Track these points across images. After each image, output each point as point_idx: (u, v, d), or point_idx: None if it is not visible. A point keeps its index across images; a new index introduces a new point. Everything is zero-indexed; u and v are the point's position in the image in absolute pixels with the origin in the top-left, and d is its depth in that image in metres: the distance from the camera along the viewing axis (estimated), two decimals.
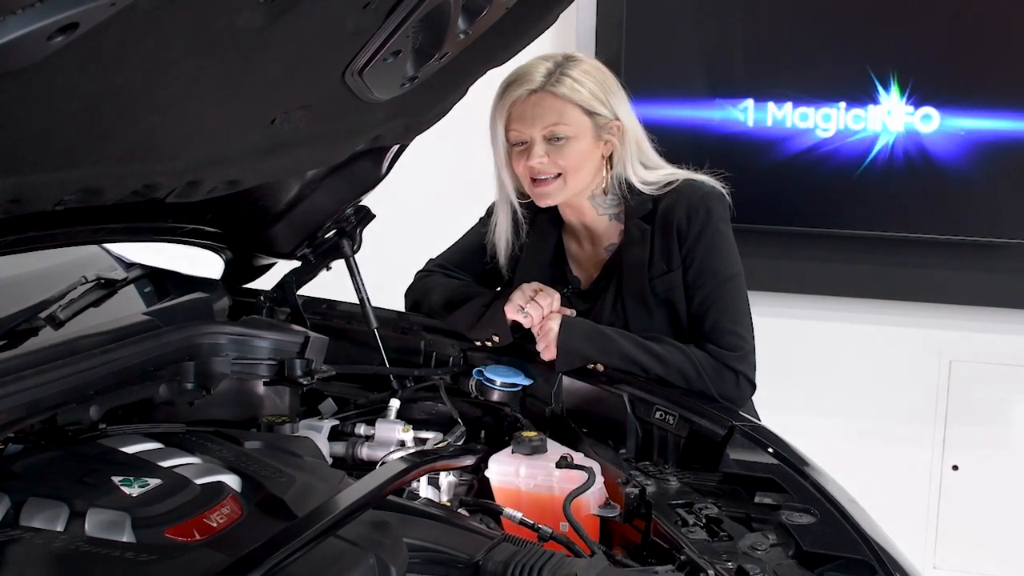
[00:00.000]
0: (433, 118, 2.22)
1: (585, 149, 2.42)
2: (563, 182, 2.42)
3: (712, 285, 2.40)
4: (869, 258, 4.12)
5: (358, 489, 1.58)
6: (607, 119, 2.43)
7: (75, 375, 1.76)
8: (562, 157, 2.40)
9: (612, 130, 2.44)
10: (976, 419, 4.18)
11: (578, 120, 2.40)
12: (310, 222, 2.50)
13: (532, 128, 2.40)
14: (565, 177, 2.41)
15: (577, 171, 2.42)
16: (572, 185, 2.43)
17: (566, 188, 2.43)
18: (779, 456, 1.95)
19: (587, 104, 2.40)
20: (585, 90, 2.40)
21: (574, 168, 2.41)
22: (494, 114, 2.45)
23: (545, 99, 2.39)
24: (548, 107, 2.39)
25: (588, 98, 2.40)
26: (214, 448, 1.79)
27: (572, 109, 2.39)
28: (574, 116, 2.40)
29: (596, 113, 2.41)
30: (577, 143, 2.40)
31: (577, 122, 2.40)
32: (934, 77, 3.89)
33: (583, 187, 2.46)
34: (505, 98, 2.42)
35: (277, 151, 1.87)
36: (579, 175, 2.43)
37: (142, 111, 1.45)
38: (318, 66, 1.66)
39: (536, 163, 2.39)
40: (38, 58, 1.09)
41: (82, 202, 1.58)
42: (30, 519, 1.44)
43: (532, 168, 2.40)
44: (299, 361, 2.17)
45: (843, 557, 1.62)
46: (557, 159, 2.39)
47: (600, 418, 2.26)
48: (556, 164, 2.40)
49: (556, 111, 2.39)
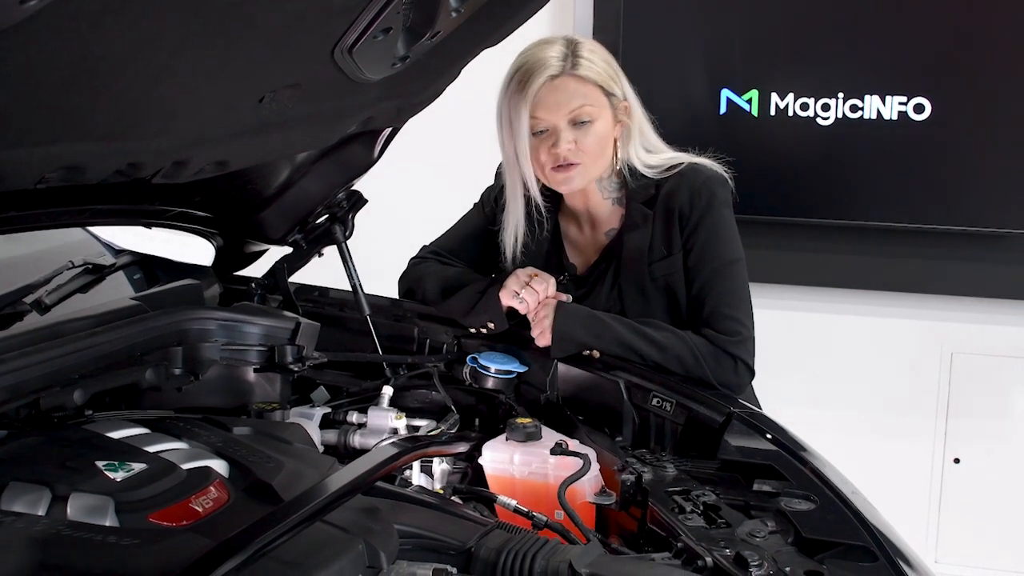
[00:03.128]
0: (426, 100, 2.18)
1: (606, 131, 2.40)
2: (584, 167, 2.39)
3: (712, 269, 2.37)
4: (869, 249, 4.10)
5: (347, 474, 1.56)
6: (619, 99, 2.41)
7: (58, 358, 1.73)
8: (586, 142, 2.36)
9: (623, 111, 2.42)
10: (978, 412, 4.16)
11: (599, 100, 2.37)
12: (301, 207, 2.47)
13: (557, 114, 2.35)
14: (586, 162, 2.38)
15: (599, 155, 2.40)
16: (593, 169, 2.41)
17: (587, 173, 2.40)
18: (778, 443, 1.93)
19: (605, 83, 2.38)
20: (600, 69, 2.37)
21: (596, 153, 2.39)
22: (516, 105, 2.36)
23: (568, 83, 2.35)
24: (573, 90, 2.35)
25: (605, 77, 2.38)
26: (202, 433, 1.77)
27: (594, 90, 2.36)
28: (596, 96, 2.37)
29: (612, 93, 2.39)
30: (599, 125, 2.38)
31: (599, 103, 2.37)
32: (933, 66, 3.86)
33: (601, 171, 2.43)
34: (528, 87, 2.34)
35: (266, 131, 1.84)
36: (601, 160, 2.41)
37: (124, 85, 1.41)
38: (306, 42, 1.63)
39: (564, 149, 2.35)
40: (11, 22, 1.06)
41: (65, 180, 1.55)
42: (11, 503, 1.42)
43: (558, 155, 2.35)
44: (290, 347, 2.14)
45: (843, 543, 1.60)
46: (582, 145, 2.36)
47: (596, 405, 2.24)
48: (582, 150, 2.36)
49: (581, 93, 2.35)
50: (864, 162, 3.97)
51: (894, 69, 3.88)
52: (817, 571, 1.51)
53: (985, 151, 3.88)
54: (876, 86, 3.89)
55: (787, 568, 1.51)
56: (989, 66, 3.82)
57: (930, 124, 3.88)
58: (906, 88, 3.87)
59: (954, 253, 4.02)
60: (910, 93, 3.86)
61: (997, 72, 3.82)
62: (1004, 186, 3.90)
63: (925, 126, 3.88)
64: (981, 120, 3.87)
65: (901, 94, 3.87)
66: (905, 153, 3.93)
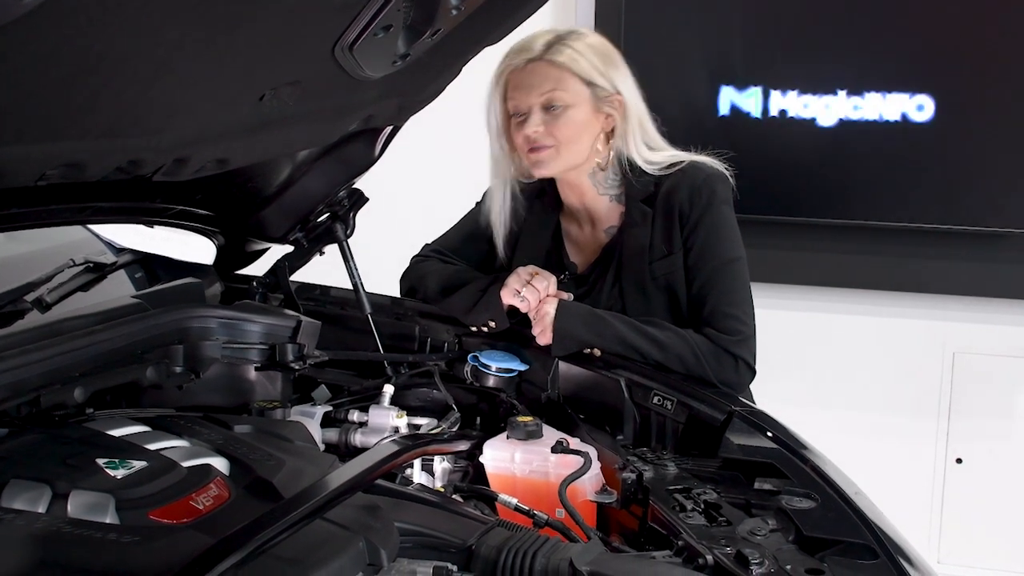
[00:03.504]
0: (426, 98, 2.19)
1: (582, 119, 2.40)
2: (556, 151, 2.40)
3: (712, 268, 2.37)
4: (872, 248, 4.10)
5: (347, 471, 1.56)
6: (607, 91, 2.41)
7: (59, 356, 1.73)
8: (557, 127, 2.38)
9: (613, 104, 2.42)
10: (980, 411, 4.16)
11: (575, 89, 2.38)
12: (302, 205, 2.47)
13: (529, 96, 2.38)
14: (558, 147, 2.39)
15: (573, 141, 2.40)
16: (566, 155, 2.41)
17: (559, 157, 2.41)
18: (779, 441, 1.93)
19: (585, 74, 2.38)
20: (584, 60, 2.39)
21: (569, 139, 2.39)
22: (492, 85, 2.45)
23: (541, 67, 2.38)
24: (545, 75, 2.38)
25: (587, 68, 2.39)
26: (202, 431, 1.77)
27: (569, 77, 2.38)
28: (571, 84, 2.38)
29: (595, 84, 2.39)
30: (574, 112, 2.38)
31: (574, 91, 2.38)
32: (935, 64, 3.86)
33: (580, 160, 2.43)
34: (503, 68, 2.42)
35: (266, 129, 1.84)
36: (575, 146, 2.41)
37: (125, 81, 1.41)
38: (307, 40, 1.63)
39: (532, 131, 2.38)
40: (10, 18, 1.06)
41: (65, 178, 1.55)
42: (11, 501, 1.42)
43: (528, 137, 2.38)
44: (291, 346, 2.14)
45: (844, 541, 1.59)
46: (553, 129, 2.38)
47: (597, 403, 2.24)
48: (552, 134, 2.38)
49: (553, 78, 2.37)
50: (866, 162, 3.97)
51: (896, 66, 3.88)
52: (818, 569, 1.50)
53: (987, 150, 3.87)
54: (878, 83, 3.88)
55: (788, 566, 1.51)
56: (992, 65, 3.82)
57: (932, 124, 3.88)
58: (908, 85, 3.87)
59: (956, 253, 4.01)
60: (912, 90, 3.86)
61: (999, 71, 3.81)
62: (1006, 185, 3.91)
63: (927, 126, 3.88)
64: (983, 119, 3.87)
65: (903, 91, 3.87)
66: (907, 153, 3.93)
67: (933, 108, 3.86)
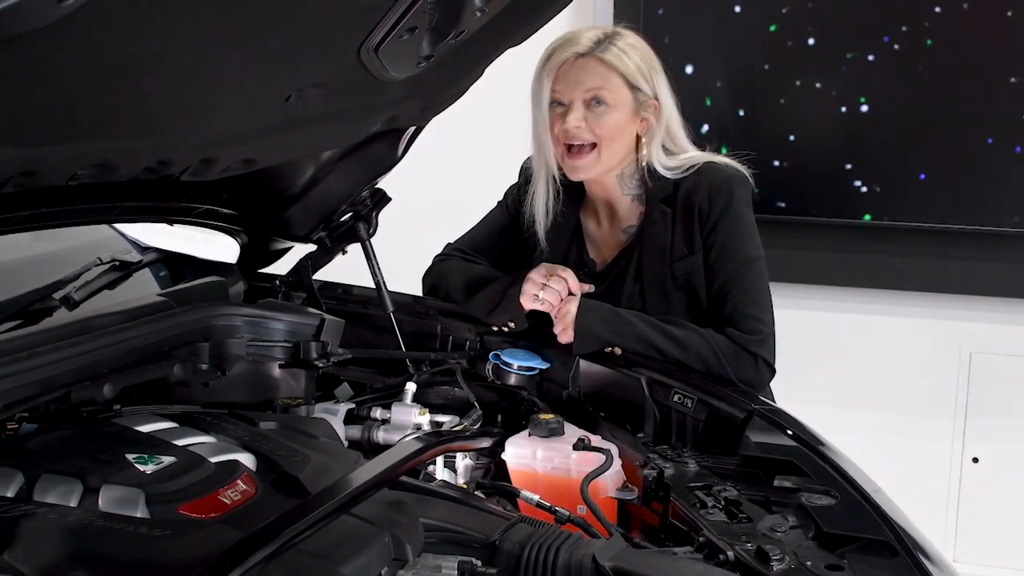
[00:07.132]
0: (450, 99, 2.20)
1: (622, 122, 2.42)
2: (597, 155, 2.41)
3: (732, 268, 2.38)
4: (888, 249, 4.09)
5: (372, 467, 1.58)
6: (647, 96, 2.43)
7: (88, 353, 1.75)
8: (599, 125, 2.39)
9: (650, 108, 2.44)
10: (996, 411, 4.15)
11: (620, 90, 2.40)
12: (326, 205, 2.49)
13: (574, 91, 2.40)
14: (600, 148, 2.41)
15: (612, 142, 2.41)
16: (605, 158, 2.43)
17: (599, 162, 2.43)
18: (798, 439, 1.94)
19: (631, 76, 2.40)
20: (631, 62, 2.41)
21: (609, 138, 2.41)
22: (539, 75, 2.45)
23: (590, 63, 2.40)
24: (592, 71, 2.39)
25: (633, 70, 2.40)
26: (229, 428, 1.79)
27: (616, 78, 2.40)
28: (617, 85, 2.40)
29: (638, 88, 2.42)
30: (616, 113, 2.40)
31: (619, 92, 2.40)
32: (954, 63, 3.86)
33: (615, 162, 2.45)
34: (552, 60, 2.43)
35: (292, 129, 1.86)
36: (613, 147, 2.42)
37: (155, 83, 1.43)
38: (333, 42, 1.65)
39: (572, 125, 2.39)
40: (48, 20, 1.07)
41: (96, 177, 1.57)
42: (44, 495, 1.44)
43: (567, 131, 2.39)
44: (314, 343, 2.16)
45: (864, 538, 1.59)
46: (594, 126, 2.39)
47: (618, 402, 2.25)
48: (592, 131, 2.39)
49: (600, 76, 2.39)
50: (884, 161, 3.97)
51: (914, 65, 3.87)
52: (838, 565, 1.51)
53: (1005, 150, 3.86)
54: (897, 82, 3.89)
55: (808, 562, 1.51)
56: (1014, 65, 3.81)
57: (951, 123, 3.88)
58: (926, 85, 3.87)
59: (973, 253, 4.01)
60: (930, 91, 3.86)
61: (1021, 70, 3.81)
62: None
63: (946, 125, 3.88)
64: (1002, 120, 3.86)
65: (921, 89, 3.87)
66: (924, 152, 3.93)
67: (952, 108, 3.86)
